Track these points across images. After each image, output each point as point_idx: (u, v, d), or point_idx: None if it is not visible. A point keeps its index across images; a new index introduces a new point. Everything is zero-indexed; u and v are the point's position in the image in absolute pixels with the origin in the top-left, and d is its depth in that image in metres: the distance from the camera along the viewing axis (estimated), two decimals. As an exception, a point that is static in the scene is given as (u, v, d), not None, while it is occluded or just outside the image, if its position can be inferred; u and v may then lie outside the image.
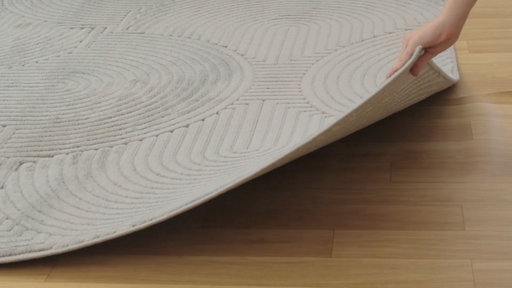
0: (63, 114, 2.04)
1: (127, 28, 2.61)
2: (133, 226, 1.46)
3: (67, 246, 1.47)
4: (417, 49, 1.45)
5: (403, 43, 1.53)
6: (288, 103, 2.01)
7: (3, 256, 1.49)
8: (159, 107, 2.04)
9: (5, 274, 1.47)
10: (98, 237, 1.47)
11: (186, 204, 1.44)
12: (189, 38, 2.49)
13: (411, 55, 1.47)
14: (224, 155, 1.77)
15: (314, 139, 1.41)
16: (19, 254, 1.49)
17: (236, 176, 1.44)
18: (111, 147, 1.87)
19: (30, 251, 1.48)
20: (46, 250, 1.48)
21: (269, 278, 1.40)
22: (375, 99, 1.44)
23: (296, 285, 1.38)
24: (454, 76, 1.94)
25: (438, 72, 1.80)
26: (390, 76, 1.47)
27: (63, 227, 1.55)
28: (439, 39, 1.48)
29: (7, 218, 1.61)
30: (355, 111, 1.42)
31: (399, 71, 1.46)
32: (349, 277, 1.39)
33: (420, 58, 1.50)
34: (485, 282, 1.35)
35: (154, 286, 1.41)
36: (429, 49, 1.51)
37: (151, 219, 1.46)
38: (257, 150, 1.77)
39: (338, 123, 1.42)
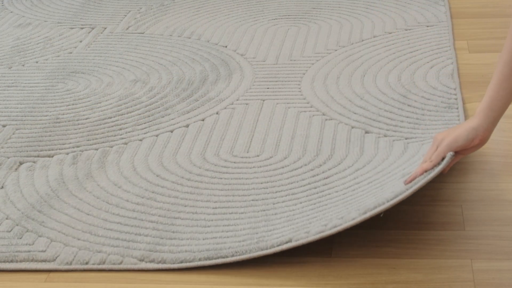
0: (63, 114, 2.04)
1: (127, 28, 2.62)
2: (140, 260, 1.46)
3: (70, 264, 1.46)
4: (449, 155, 1.40)
5: (433, 142, 1.47)
6: (288, 103, 2.01)
7: (4, 262, 1.48)
8: (159, 107, 2.04)
9: (5, 274, 1.47)
10: (104, 263, 1.46)
11: (199, 259, 1.44)
12: (189, 38, 2.49)
13: (443, 158, 1.43)
14: (224, 158, 1.77)
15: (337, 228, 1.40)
16: (20, 261, 1.48)
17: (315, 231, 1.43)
18: (111, 147, 1.87)
19: (32, 260, 1.48)
20: (49, 262, 1.47)
21: (269, 278, 1.40)
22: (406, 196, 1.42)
23: (296, 285, 1.38)
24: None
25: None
26: (420, 174, 1.43)
27: (64, 232, 1.54)
28: (472, 144, 1.43)
29: (7, 218, 1.61)
30: (387, 208, 1.40)
31: (431, 175, 1.41)
32: (349, 277, 1.39)
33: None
34: (485, 282, 1.35)
35: (154, 286, 1.41)
36: (459, 151, 1.47)
37: (160, 261, 1.45)
38: (257, 156, 1.77)
39: (366, 217, 1.40)
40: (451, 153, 1.40)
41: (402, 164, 1.63)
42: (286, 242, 1.42)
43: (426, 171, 1.42)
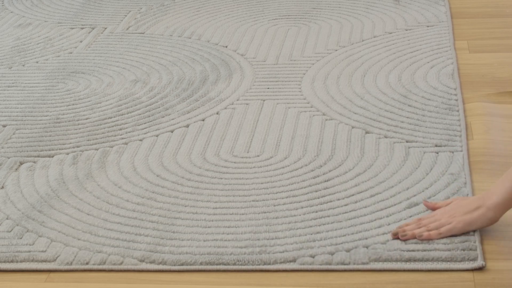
0: (63, 114, 2.04)
1: (127, 28, 2.62)
2: (141, 261, 1.45)
3: (71, 264, 1.46)
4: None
5: (444, 212, 1.46)
6: (288, 103, 2.01)
7: (4, 262, 1.48)
8: (159, 107, 2.04)
9: (5, 274, 1.47)
10: (104, 263, 1.46)
11: None
12: (189, 38, 2.49)
13: (451, 234, 1.43)
14: (225, 158, 1.77)
15: None
16: (20, 262, 1.48)
17: None
18: (111, 147, 1.87)
19: (32, 260, 1.48)
20: (49, 262, 1.47)
21: (269, 278, 1.40)
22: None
23: (296, 285, 1.38)
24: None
25: None
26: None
27: (64, 232, 1.54)
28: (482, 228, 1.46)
29: (7, 218, 1.61)
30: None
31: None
32: (349, 277, 1.39)
33: None
34: (485, 282, 1.35)
35: (154, 286, 1.41)
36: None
37: (160, 262, 1.44)
38: (258, 156, 1.77)
39: (375, 268, 1.41)
40: None
41: (403, 180, 1.63)
42: (290, 261, 1.42)
43: (432, 239, 1.43)
